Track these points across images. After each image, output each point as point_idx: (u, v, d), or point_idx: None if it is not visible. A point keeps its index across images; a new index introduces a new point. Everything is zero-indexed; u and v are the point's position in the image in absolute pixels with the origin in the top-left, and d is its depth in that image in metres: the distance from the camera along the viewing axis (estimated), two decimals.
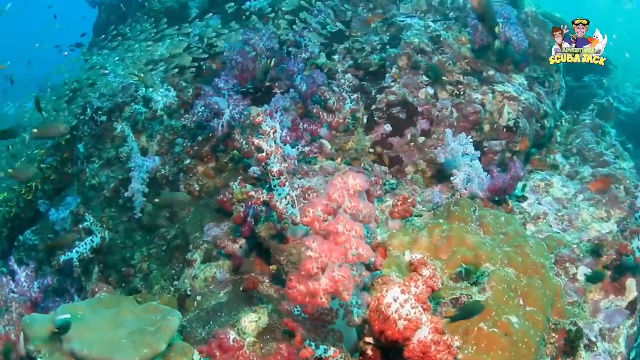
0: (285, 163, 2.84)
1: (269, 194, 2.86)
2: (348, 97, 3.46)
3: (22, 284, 2.97)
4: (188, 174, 3.66)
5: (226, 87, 3.56)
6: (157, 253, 3.61)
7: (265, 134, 2.87)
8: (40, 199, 4.30)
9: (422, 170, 3.35)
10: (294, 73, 3.53)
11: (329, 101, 3.40)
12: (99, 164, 4.13)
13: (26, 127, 4.44)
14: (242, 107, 3.50)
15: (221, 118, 3.49)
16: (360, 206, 1.89)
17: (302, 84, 3.51)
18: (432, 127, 3.40)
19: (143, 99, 3.97)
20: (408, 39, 3.76)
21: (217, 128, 3.47)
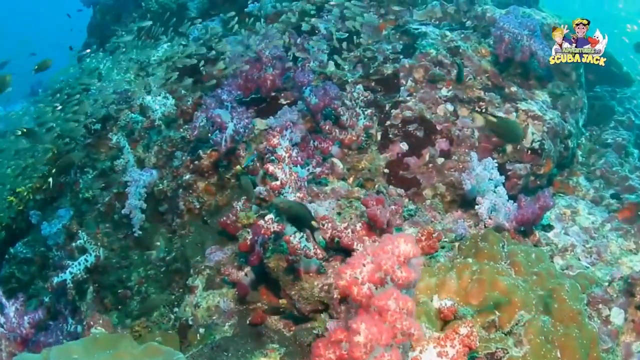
0: (300, 192, 2.46)
1: (279, 224, 2.49)
2: (361, 112, 3.07)
3: (11, 319, 2.58)
4: (187, 190, 3.26)
5: (229, 98, 3.15)
6: (155, 275, 3.24)
7: (281, 159, 2.48)
8: (31, 209, 3.87)
9: (440, 193, 2.99)
10: (304, 84, 3.12)
11: (342, 117, 3.00)
12: (93, 175, 3.72)
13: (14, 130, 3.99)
14: (247, 120, 3.09)
15: (224, 132, 3.08)
16: (412, 276, 1.52)
17: (312, 96, 3.11)
18: (452, 147, 3.03)
19: (140, 107, 3.54)
20: (423, 48, 3.37)
21: (220, 143, 3.07)
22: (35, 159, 3.75)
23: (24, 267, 3.86)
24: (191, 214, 3.25)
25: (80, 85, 3.75)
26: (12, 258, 3.87)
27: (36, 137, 3.71)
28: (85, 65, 4.11)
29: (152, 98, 3.52)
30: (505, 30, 3.13)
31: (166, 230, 3.34)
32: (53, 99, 3.85)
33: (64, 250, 3.60)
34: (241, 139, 3.10)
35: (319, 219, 2.57)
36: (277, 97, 3.42)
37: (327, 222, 2.55)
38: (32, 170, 3.80)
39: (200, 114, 3.18)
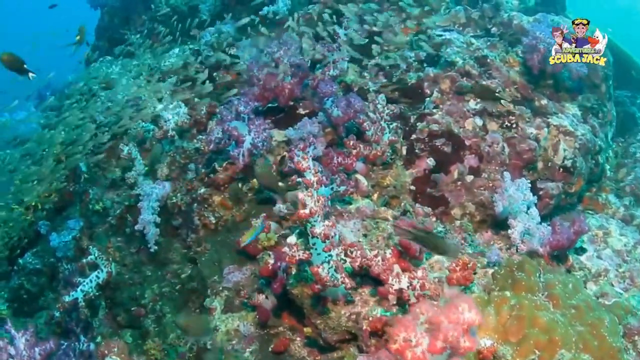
0: (329, 220, 2.22)
1: (305, 252, 2.26)
2: (387, 125, 2.82)
3: (21, 351, 2.35)
4: (202, 204, 3.02)
5: (246, 109, 2.90)
6: (170, 292, 3.02)
7: (309, 184, 2.24)
8: (40, 219, 3.62)
9: (470, 213, 2.77)
10: (327, 96, 2.87)
11: (367, 132, 2.76)
12: (103, 185, 3.46)
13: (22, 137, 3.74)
14: (265, 134, 2.85)
15: (241, 146, 2.83)
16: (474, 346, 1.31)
17: (334, 108, 2.86)
18: (482, 164, 2.80)
19: (151, 116, 3.28)
20: (448, 57, 3.12)
21: (238, 158, 2.83)
22: (43, 167, 3.50)
23: (34, 279, 3.64)
24: (207, 229, 3.02)
25: (89, 91, 3.48)
26: (21, 269, 3.65)
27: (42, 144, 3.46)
28: (93, 70, 3.83)
29: (164, 107, 3.26)
30: (540, 40, 2.88)
31: (180, 245, 3.11)
32: (61, 105, 3.59)
33: (74, 264, 3.38)
34: (259, 153, 2.86)
35: (346, 246, 2.35)
36: (296, 106, 3.17)
37: (355, 250, 2.33)
38: (40, 178, 3.55)
39: (216, 127, 2.94)
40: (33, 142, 3.67)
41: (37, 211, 3.60)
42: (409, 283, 2.10)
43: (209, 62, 3.48)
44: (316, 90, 3.17)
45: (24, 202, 3.61)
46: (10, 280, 3.65)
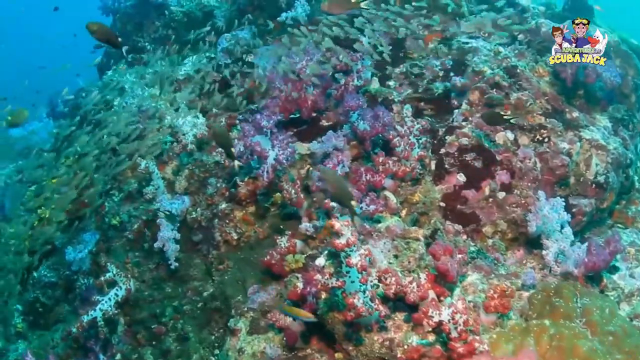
0: (365, 249, 2.08)
1: (339, 280, 2.13)
2: (416, 140, 2.67)
3: None
4: (224, 220, 2.88)
5: (269, 124, 2.75)
6: (192, 310, 2.89)
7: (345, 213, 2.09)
8: (54, 231, 3.46)
9: (501, 230, 2.63)
10: (353, 109, 2.72)
11: (397, 148, 2.61)
12: (119, 198, 3.31)
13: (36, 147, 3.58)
14: (290, 150, 2.69)
15: (265, 162, 2.68)
16: None
17: (360, 121, 2.71)
18: (513, 180, 2.66)
19: (168, 127, 3.12)
20: (476, 66, 2.96)
21: (262, 174, 2.68)
22: (58, 180, 3.34)
23: (49, 292, 3.50)
24: (228, 245, 2.88)
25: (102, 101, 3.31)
26: (36, 282, 3.50)
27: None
28: (107, 79, 3.65)
29: (181, 118, 3.09)
30: None
31: (201, 261, 2.97)
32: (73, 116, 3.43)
33: (91, 278, 3.24)
34: (283, 169, 2.71)
35: (381, 272, 2.22)
36: (319, 118, 3.01)
37: (390, 277, 2.19)
38: (55, 191, 3.39)
39: (238, 142, 2.78)
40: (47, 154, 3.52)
41: (51, 223, 3.45)
42: (450, 317, 1.97)
43: (225, 70, 3.31)
44: (340, 101, 3.02)
45: (37, 214, 3.46)
46: (25, 293, 3.51)
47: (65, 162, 3.47)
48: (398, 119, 2.93)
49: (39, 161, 3.69)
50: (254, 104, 3.35)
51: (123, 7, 4.30)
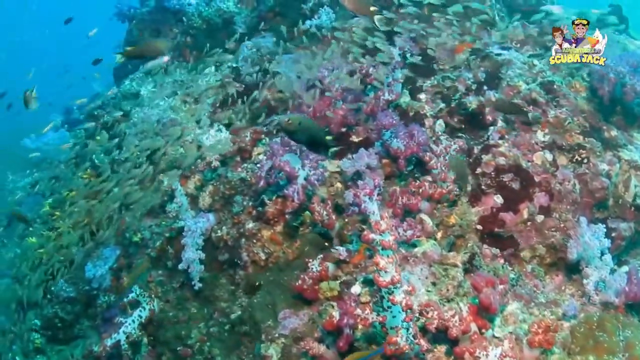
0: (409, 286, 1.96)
1: (380, 315, 2.01)
2: None
3: None
4: (251, 240, 2.75)
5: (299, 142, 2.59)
6: (219, 333, 2.77)
7: (388, 245, 1.97)
8: (72, 245, 3.33)
9: (540, 255, 2.51)
10: (386, 128, 2.57)
11: (434, 170, 2.47)
12: (140, 212, 3.17)
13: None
14: (321, 171, 2.56)
15: (295, 182, 2.55)
16: None
17: (394, 139, 2.57)
18: (552, 203, 2.53)
19: (191, 142, 2.97)
20: (510, 80, 2.82)
21: (292, 196, 2.54)
22: (76, 192, 3.20)
23: (68, 307, 3.38)
24: (256, 265, 2.76)
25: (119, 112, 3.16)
26: (55, 297, 3.38)
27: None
28: (124, 89, 3.48)
29: (203, 132, 2.94)
30: (610, 68, 2.58)
31: (227, 281, 2.84)
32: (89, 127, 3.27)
33: (111, 294, 3.13)
34: (314, 191, 2.57)
35: (422, 306, 2.10)
36: (348, 133, 2.86)
37: (432, 310, 2.08)
38: (72, 204, 3.25)
39: (266, 160, 2.64)
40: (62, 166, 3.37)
41: (70, 236, 3.32)
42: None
43: (248, 80, 3.15)
44: (370, 116, 2.87)
45: (55, 227, 3.33)
46: (43, 308, 3.39)
47: (82, 174, 3.33)
48: (430, 133, 2.80)
49: (55, 172, 3.54)
50: (277, 115, 3.21)
51: (139, 13, 4.10)
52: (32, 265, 3.40)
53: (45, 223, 3.40)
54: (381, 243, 2.03)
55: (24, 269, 3.45)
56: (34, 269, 3.42)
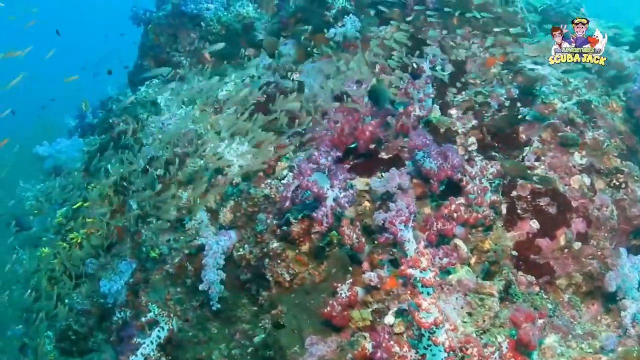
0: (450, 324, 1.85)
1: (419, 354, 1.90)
2: (489, 185, 2.39)
3: None
4: (275, 260, 2.61)
5: (328, 162, 2.45)
6: (242, 356, 2.65)
7: (429, 284, 1.84)
8: (87, 256, 3.18)
9: (576, 283, 2.39)
10: (420, 149, 2.42)
11: (470, 196, 2.33)
12: (157, 226, 3.02)
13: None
14: (351, 193, 2.41)
15: (324, 204, 2.40)
16: None
17: (426, 159, 2.42)
18: (590, 230, 2.40)
19: (212, 157, 2.80)
20: (545, 97, 2.68)
21: (321, 220, 2.40)
22: (90, 204, 3.04)
23: (82, 319, 3.24)
24: (280, 287, 2.62)
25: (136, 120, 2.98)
26: (69, 309, 3.23)
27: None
28: (140, 96, 3.29)
29: (224, 145, 2.78)
30: None
31: (249, 301, 2.71)
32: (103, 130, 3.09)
33: (127, 310, 2.99)
34: (343, 213, 2.43)
35: (462, 342, 1.98)
36: (377, 150, 2.71)
37: (472, 347, 1.96)
38: (87, 214, 3.10)
39: (293, 180, 2.49)
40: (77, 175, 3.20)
41: (84, 247, 3.17)
42: None
43: (269, 90, 2.99)
44: (400, 133, 2.72)
45: (68, 238, 3.17)
46: (57, 320, 3.25)
47: (96, 185, 3.17)
48: (462, 151, 2.66)
49: (68, 181, 3.38)
50: (300, 127, 3.05)
51: (156, 17, 3.89)
52: (46, 276, 3.26)
53: (59, 233, 3.25)
54: (422, 281, 1.90)
55: (37, 279, 3.31)
56: (47, 279, 3.29)
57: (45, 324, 3.26)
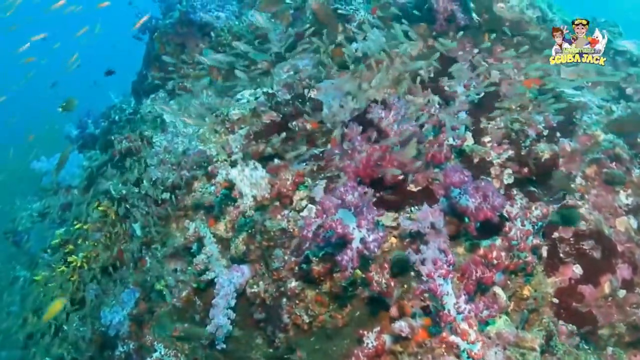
0: None
1: None
2: (532, 228, 2.09)
3: None
4: (293, 300, 2.30)
5: (354, 199, 2.12)
6: None
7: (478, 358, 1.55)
8: (87, 280, 2.84)
9: (619, 334, 2.10)
10: (457, 186, 2.11)
11: (513, 242, 2.03)
12: (162, 253, 2.68)
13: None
14: (381, 235, 2.09)
15: (349, 247, 2.08)
16: None
17: (462, 195, 2.11)
18: (636, 277, 2.11)
19: (223, 183, 2.46)
20: (587, 127, 2.38)
21: (346, 265, 2.08)
22: (91, 225, 2.69)
23: (82, 346, 2.91)
24: (298, 329, 2.31)
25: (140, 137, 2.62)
26: (67, 336, 2.90)
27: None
28: (144, 110, 2.91)
29: (236, 169, 2.43)
30: None
31: (263, 341, 2.40)
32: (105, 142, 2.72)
33: (131, 342, 2.66)
34: (372, 258, 2.11)
35: None
36: (405, 181, 2.38)
37: None
38: (85, 237, 2.75)
39: (315, 219, 2.16)
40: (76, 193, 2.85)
41: (84, 271, 2.83)
42: None
43: (285, 110, 2.63)
44: (431, 163, 2.40)
45: (67, 260, 2.83)
46: (54, 348, 2.92)
47: (98, 206, 2.82)
48: (497, 184, 2.35)
49: (67, 200, 3.01)
50: (317, 148, 2.72)
51: (162, 25, 3.47)
52: (43, 299, 2.93)
53: (57, 255, 2.90)
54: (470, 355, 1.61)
55: (33, 302, 2.97)
56: (44, 303, 2.95)
57: (42, 351, 2.94)
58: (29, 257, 3.32)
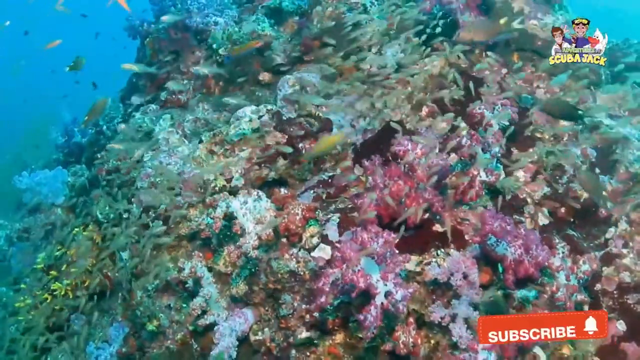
0: None
1: None
2: (577, 283, 1.71)
3: None
4: (304, 352, 1.88)
5: (380, 249, 1.70)
6: None
7: None
8: (71, 309, 2.35)
9: None
10: (497, 235, 1.69)
11: (558, 302, 1.64)
12: (154, 286, 2.21)
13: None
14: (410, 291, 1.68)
15: (372, 304, 1.67)
16: None
17: (500, 244, 1.71)
18: None
19: (223, 216, 1.99)
20: (630, 165, 2.01)
21: (369, 327, 1.66)
22: (76, 250, 2.20)
23: None
24: None
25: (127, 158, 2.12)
26: None
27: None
28: (134, 124, 2.39)
29: (240, 205, 1.96)
30: None
31: None
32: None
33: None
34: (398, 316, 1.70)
35: None
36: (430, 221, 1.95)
37: None
38: (71, 263, 2.26)
39: (334, 271, 1.72)
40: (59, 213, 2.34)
41: (67, 299, 2.35)
42: None
43: (290, 130, 2.15)
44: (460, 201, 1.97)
45: (50, 287, 2.33)
46: None
47: (82, 228, 2.32)
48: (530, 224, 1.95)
49: (49, 219, 2.50)
50: (325, 172, 2.26)
51: (154, 30, 2.87)
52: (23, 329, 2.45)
53: (39, 280, 2.40)
54: None
55: (14, 332, 2.49)
56: (25, 332, 2.47)
57: None
58: (11, 272, 2.83)
